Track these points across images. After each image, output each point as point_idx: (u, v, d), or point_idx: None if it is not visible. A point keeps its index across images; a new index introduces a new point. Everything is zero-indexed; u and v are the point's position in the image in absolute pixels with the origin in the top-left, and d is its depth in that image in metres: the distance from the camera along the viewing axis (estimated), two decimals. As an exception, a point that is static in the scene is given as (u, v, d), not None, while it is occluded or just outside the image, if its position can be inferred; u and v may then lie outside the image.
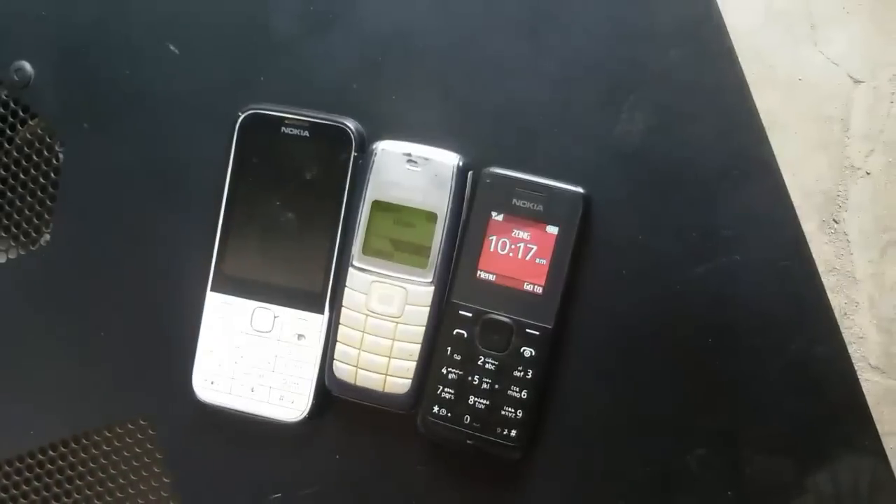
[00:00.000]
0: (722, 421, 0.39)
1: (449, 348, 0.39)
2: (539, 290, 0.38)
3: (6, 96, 0.47)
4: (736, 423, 0.39)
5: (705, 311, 0.39)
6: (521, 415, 0.38)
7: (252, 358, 0.42)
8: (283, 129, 0.41)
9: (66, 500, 0.46)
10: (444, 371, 0.39)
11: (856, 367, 0.38)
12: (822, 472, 0.38)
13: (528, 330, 0.38)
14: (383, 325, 0.40)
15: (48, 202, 0.46)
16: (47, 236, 0.47)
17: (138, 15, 0.45)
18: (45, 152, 0.47)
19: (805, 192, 0.46)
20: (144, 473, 0.45)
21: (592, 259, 0.39)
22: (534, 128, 0.40)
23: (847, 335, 0.42)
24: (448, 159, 0.39)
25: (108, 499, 0.45)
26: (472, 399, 0.39)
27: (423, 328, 0.39)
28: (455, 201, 0.39)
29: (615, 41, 0.40)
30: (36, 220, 0.47)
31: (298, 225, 0.41)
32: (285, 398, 0.41)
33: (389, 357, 0.40)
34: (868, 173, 0.46)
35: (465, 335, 0.39)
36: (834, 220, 0.46)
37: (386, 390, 0.40)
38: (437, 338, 0.39)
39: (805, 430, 0.38)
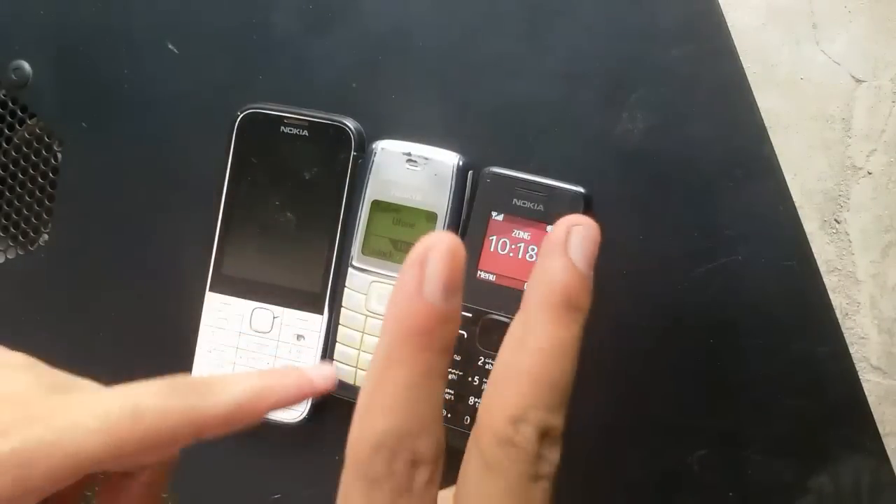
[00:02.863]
0: (723, 421, 0.39)
1: (449, 349, 0.39)
2: (539, 290, 0.38)
3: (4, 96, 0.47)
4: (737, 424, 0.39)
5: (706, 311, 0.39)
6: (521, 415, 0.38)
7: (251, 359, 0.42)
8: (282, 128, 0.41)
9: (64, 500, 0.46)
10: (443, 371, 0.39)
11: (857, 368, 0.38)
12: (823, 472, 0.38)
13: (528, 330, 0.38)
14: (383, 325, 0.40)
15: (47, 202, 0.46)
16: (46, 236, 0.47)
17: (137, 14, 0.45)
18: (44, 152, 0.46)
19: (806, 191, 0.46)
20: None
21: (593, 259, 0.39)
22: (534, 127, 0.40)
23: (848, 335, 0.42)
24: (448, 159, 0.39)
25: (107, 499, 0.45)
26: (472, 400, 0.39)
27: (423, 328, 0.39)
28: (455, 201, 0.39)
29: (616, 40, 0.40)
30: (34, 220, 0.47)
31: (298, 225, 0.41)
32: (285, 399, 0.41)
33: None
34: (870, 173, 0.46)
35: (465, 335, 0.39)
36: (835, 219, 0.46)
37: (386, 391, 0.40)
38: (437, 338, 0.39)
39: (806, 431, 0.38)
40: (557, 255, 0.21)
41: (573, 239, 0.21)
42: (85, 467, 0.21)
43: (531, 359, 0.20)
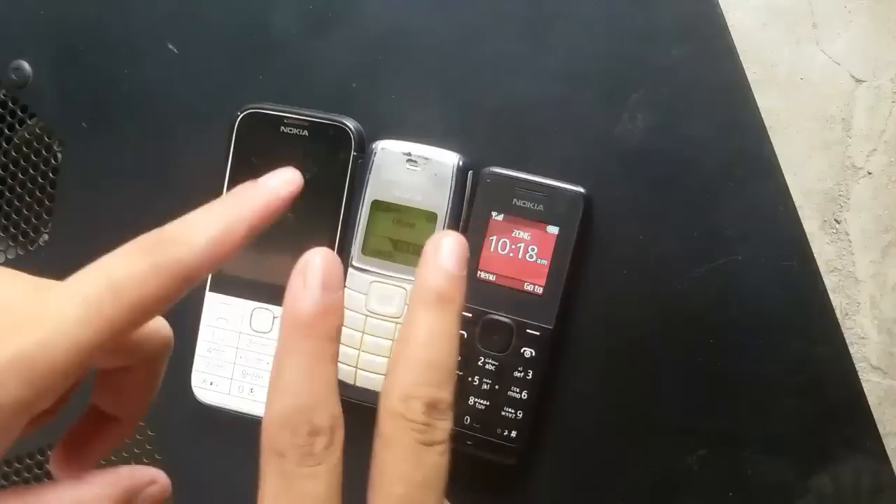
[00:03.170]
0: (723, 421, 0.39)
1: (449, 349, 0.39)
2: (539, 290, 0.38)
3: (4, 96, 0.47)
4: (737, 424, 0.39)
5: (706, 312, 0.39)
6: (521, 415, 0.38)
7: (251, 359, 0.42)
8: (282, 128, 0.41)
9: (64, 500, 0.46)
10: (443, 371, 0.39)
11: (857, 368, 0.38)
12: (823, 472, 0.38)
13: (528, 330, 0.38)
14: (383, 325, 0.40)
15: (47, 202, 0.46)
16: (46, 236, 0.47)
17: (138, 14, 0.45)
18: (44, 152, 0.46)
19: (806, 191, 0.46)
20: (143, 474, 0.45)
21: (593, 259, 0.39)
22: (534, 127, 0.40)
23: (848, 335, 0.42)
24: (448, 159, 0.39)
25: (107, 499, 0.45)
26: (472, 400, 0.39)
27: (423, 328, 0.39)
28: (455, 201, 0.39)
29: (616, 40, 0.40)
30: (34, 221, 0.47)
31: (298, 225, 0.41)
32: (285, 399, 0.41)
33: (389, 358, 0.40)
34: (870, 173, 0.46)
35: (465, 336, 0.39)
36: (835, 219, 0.46)
37: (385, 391, 0.40)
38: (437, 338, 0.39)
39: (806, 431, 0.38)
40: (428, 261, 0.24)
41: (442, 246, 0.25)
42: (87, 355, 0.21)
43: (413, 346, 0.23)
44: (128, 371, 0.26)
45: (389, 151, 0.40)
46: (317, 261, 0.23)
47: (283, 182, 0.27)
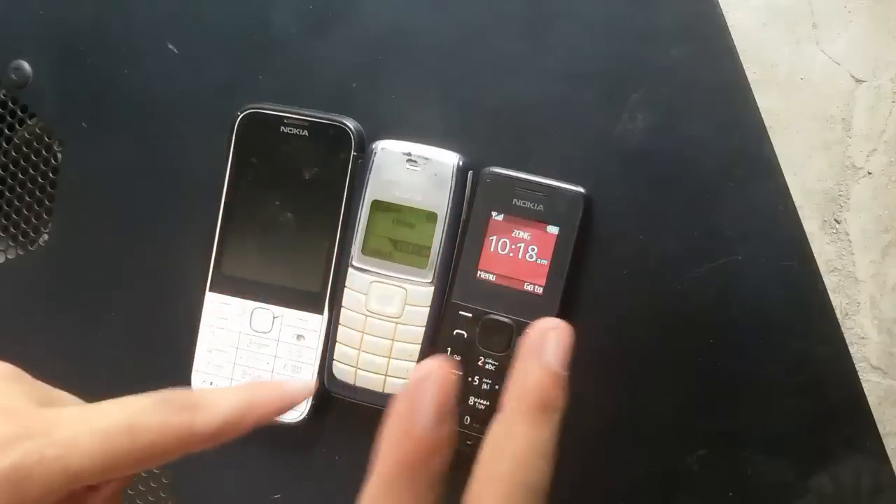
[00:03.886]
0: (723, 421, 0.39)
1: (449, 349, 0.39)
2: (539, 290, 0.38)
3: (4, 96, 0.47)
4: (737, 424, 0.39)
5: (706, 312, 0.39)
6: (521, 415, 0.38)
7: (251, 359, 0.42)
8: (282, 128, 0.41)
9: (64, 500, 0.46)
10: (443, 371, 0.39)
11: (857, 368, 0.38)
12: (823, 472, 0.38)
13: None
14: (383, 325, 0.40)
15: (47, 202, 0.46)
16: (46, 236, 0.47)
17: (137, 14, 0.45)
18: (44, 152, 0.46)
19: (806, 191, 0.46)
20: (143, 474, 0.45)
21: (593, 259, 0.39)
22: (534, 127, 0.40)
23: (848, 335, 0.42)
24: (448, 159, 0.39)
25: (107, 499, 0.45)
26: (472, 400, 0.39)
27: (423, 329, 0.39)
28: (455, 201, 0.39)
29: (616, 40, 0.40)
30: (34, 220, 0.47)
31: (298, 225, 0.41)
32: (284, 399, 0.41)
33: (389, 358, 0.40)
34: (870, 173, 0.46)
35: (465, 336, 0.39)
36: (835, 219, 0.46)
37: (386, 391, 0.40)
38: (437, 338, 0.39)
39: (806, 431, 0.38)
40: (532, 360, 0.22)
41: (548, 343, 0.22)
42: (80, 481, 0.21)
43: (509, 464, 0.21)
44: (94, 489, 0.26)
45: (389, 151, 0.40)
46: (435, 377, 0.20)
47: (300, 392, 0.26)
